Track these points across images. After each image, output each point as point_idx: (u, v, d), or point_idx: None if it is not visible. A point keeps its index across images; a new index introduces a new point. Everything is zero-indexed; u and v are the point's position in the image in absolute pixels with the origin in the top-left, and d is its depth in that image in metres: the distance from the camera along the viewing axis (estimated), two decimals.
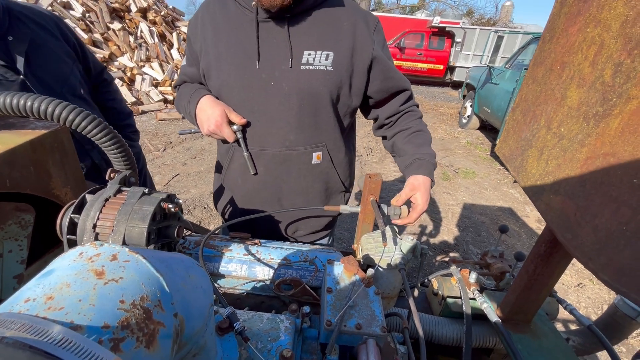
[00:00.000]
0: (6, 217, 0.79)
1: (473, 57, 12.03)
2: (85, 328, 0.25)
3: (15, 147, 0.76)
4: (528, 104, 0.66)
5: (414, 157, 1.17)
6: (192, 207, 3.64)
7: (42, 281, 0.28)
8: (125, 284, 0.29)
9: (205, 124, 1.08)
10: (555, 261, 0.95)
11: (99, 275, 0.29)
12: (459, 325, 1.16)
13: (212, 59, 1.09)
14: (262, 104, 1.08)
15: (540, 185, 0.59)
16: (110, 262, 0.30)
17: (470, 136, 7.18)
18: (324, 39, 1.06)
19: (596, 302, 2.78)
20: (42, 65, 1.28)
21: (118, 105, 1.67)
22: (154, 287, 0.31)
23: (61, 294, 0.26)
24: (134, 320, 0.28)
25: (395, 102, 1.23)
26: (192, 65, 1.19)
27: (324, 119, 1.13)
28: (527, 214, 4.18)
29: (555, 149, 0.56)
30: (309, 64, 1.05)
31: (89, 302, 0.27)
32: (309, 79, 1.05)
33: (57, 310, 0.25)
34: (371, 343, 0.63)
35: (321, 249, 0.99)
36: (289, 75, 1.05)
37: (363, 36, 1.08)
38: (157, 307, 0.31)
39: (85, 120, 0.76)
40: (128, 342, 0.27)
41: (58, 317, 0.25)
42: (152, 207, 0.69)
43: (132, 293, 0.29)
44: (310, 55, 1.04)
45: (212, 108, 1.07)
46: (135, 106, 6.52)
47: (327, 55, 1.05)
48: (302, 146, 1.13)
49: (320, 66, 1.05)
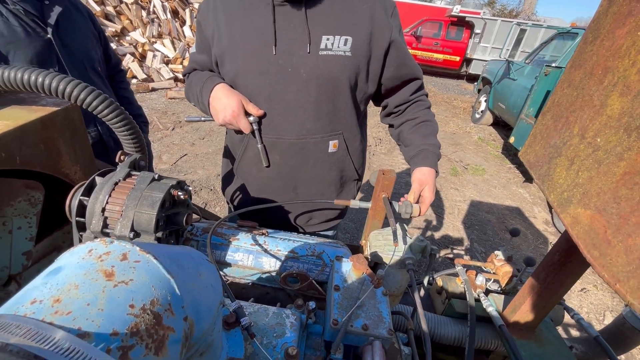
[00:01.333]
0: (16, 194, 0.78)
1: (491, 50, 11.64)
2: (93, 336, 0.24)
3: (26, 124, 0.74)
4: (561, 109, 0.62)
5: (419, 147, 1.16)
6: (198, 188, 3.65)
7: (49, 280, 0.27)
8: (136, 287, 0.28)
9: (221, 113, 1.05)
10: (568, 271, 0.93)
11: (109, 276, 0.27)
12: (461, 326, 1.15)
13: (226, 45, 1.05)
14: (279, 91, 1.04)
15: (567, 197, 0.56)
16: (120, 262, 0.29)
17: (483, 132, 7.03)
18: (342, 23, 1.02)
19: (598, 309, 2.77)
20: (69, 33, 1.38)
21: (131, 95, 1.75)
22: (164, 290, 0.30)
23: (69, 297, 0.25)
24: (143, 327, 0.26)
25: (406, 90, 1.20)
26: (203, 52, 1.15)
27: (342, 106, 1.10)
28: (534, 215, 4.13)
29: (589, 160, 0.53)
30: (328, 49, 1.01)
31: (98, 306, 0.25)
32: (328, 64, 1.02)
33: (64, 315, 0.24)
34: (377, 345, 0.62)
35: (329, 243, 0.98)
36: (307, 61, 1.01)
37: (381, 20, 1.04)
38: (167, 312, 0.29)
39: (97, 99, 0.74)
40: (137, 350, 0.25)
41: (65, 323, 0.23)
42: (162, 193, 0.68)
43: (142, 297, 0.28)
44: (329, 40, 1.01)
45: (227, 97, 1.04)
46: (145, 83, 6.48)
47: (345, 40, 1.01)
48: (319, 134, 1.11)
49: (339, 51, 1.02)
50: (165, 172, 3.89)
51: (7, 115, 0.76)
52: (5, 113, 0.78)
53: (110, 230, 0.66)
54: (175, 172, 3.92)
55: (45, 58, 1.29)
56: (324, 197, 1.24)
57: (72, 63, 1.37)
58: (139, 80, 6.52)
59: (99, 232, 0.66)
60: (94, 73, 1.47)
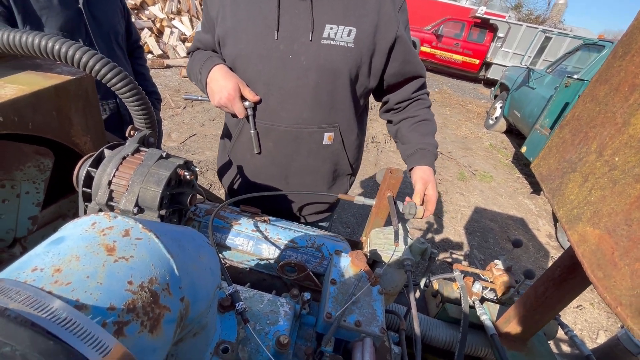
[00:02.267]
0: (26, 159, 0.79)
1: (513, 56, 11.36)
2: (90, 308, 0.24)
3: (40, 90, 0.75)
4: (580, 124, 0.60)
5: (417, 146, 1.15)
6: (205, 169, 3.67)
7: (51, 249, 0.27)
8: (135, 264, 0.28)
9: (217, 95, 1.04)
10: (568, 288, 0.92)
11: (110, 251, 0.27)
12: (453, 330, 1.16)
13: (230, 26, 1.04)
14: (278, 77, 1.03)
15: (577, 214, 0.55)
16: (122, 237, 0.29)
17: (495, 139, 6.93)
18: (348, 13, 0.99)
19: (593, 327, 2.75)
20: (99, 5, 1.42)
21: (147, 72, 1.78)
22: (163, 269, 0.30)
23: (69, 267, 0.25)
24: (140, 304, 0.27)
25: (408, 87, 1.19)
26: (208, 32, 1.14)
27: (340, 98, 1.09)
28: (538, 227, 4.09)
29: (604, 179, 0.51)
30: (330, 38, 0.99)
31: (97, 280, 0.25)
32: (329, 54, 1.00)
33: (63, 285, 0.24)
34: (368, 342, 0.62)
35: (329, 236, 0.98)
36: (309, 49, 1.00)
37: (388, 14, 1.02)
38: (164, 291, 0.29)
39: (111, 72, 0.74)
40: (132, 326, 0.26)
41: (64, 293, 0.23)
42: (168, 172, 0.68)
43: (141, 274, 0.28)
44: (332, 29, 0.99)
45: (225, 80, 1.03)
46: (160, 59, 6.47)
47: (349, 31, 0.99)
48: (314, 125, 1.10)
49: (341, 42, 1.00)
50: (173, 151, 3.91)
51: (23, 80, 0.76)
52: (21, 77, 0.78)
53: (115, 204, 0.67)
54: (183, 152, 3.95)
55: (74, 27, 1.32)
56: (315, 188, 1.23)
57: (99, 35, 1.39)
58: (154, 55, 6.52)
59: (104, 204, 0.66)
60: (118, 47, 1.50)
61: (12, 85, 0.74)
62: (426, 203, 1.05)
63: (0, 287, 0.23)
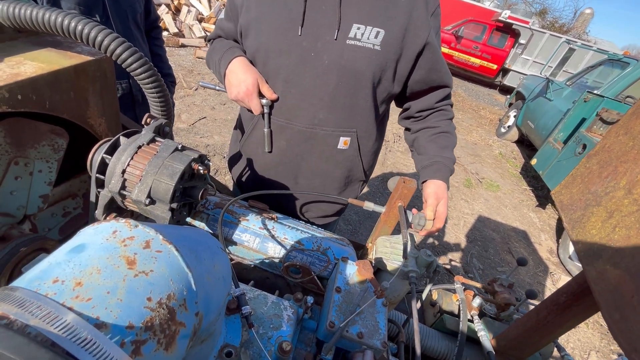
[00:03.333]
0: (41, 137, 0.79)
1: (532, 64, 11.13)
2: (110, 327, 0.23)
3: (60, 70, 0.74)
4: (610, 157, 0.58)
5: (433, 159, 1.11)
6: (212, 154, 3.67)
7: (72, 258, 0.26)
8: (155, 279, 0.27)
9: (235, 88, 1.02)
10: (572, 314, 0.91)
11: (130, 264, 0.27)
12: (448, 342, 1.16)
13: (253, 17, 1.01)
14: (298, 74, 1.00)
15: (597, 250, 0.53)
16: (142, 249, 0.28)
17: (505, 147, 6.84)
18: (377, 13, 0.95)
19: (585, 346, 2.75)
20: None
21: (164, 53, 1.76)
22: (181, 284, 0.29)
23: (90, 281, 0.25)
24: (157, 321, 0.26)
25: (432, 97, 1.15)
26: (230, 20, 1.11)
27: (361, 102, 1.05)
28: (540, 242, 4.06)
29: (631, 218, 0.50)
30: (356, 39, 0.96)
31: (117, 296, 0.25)
32: (353, 55, 0.97)
33: (84, 301, 0.23)
34: (369, 355, 0.62)
35: (335, 240, 0.97)
36: (332, 47, 0.96)
37: (420, 18, 0.97)
38: (181, 307, 0.29)
39: (131, 56, 0.73)
40: (149, 344, 0.25)
41: (84, 310, 0.23)
42: (183, 165, 0.67)
43: (160, 290, 0.27)
44: (360, 29, 0.95)
45: (244, 73, 1.00)
46: (175, 37, 6.42)
47: (377, 33, 0.95)
48: (330, 127, 1.07)
49: (367, 43, 0.96)
50: (182, 132, 3.91)
51: (43, 58, 0.76)
52: (41, 55, 0.77)
53: (127, 193, 0.66)
54: (192, 134, 3.94)
55: (92, 3, 1.30)
56: (324, 192, 1.21)
57: (116, 12, 1.37)
58: (170, 33, 6.46)
59: (116, 192, 0.66)
60: (135, 25, 1.48)
61: (32, 62, 0.73)
62: (435, 219, 1.02)
63: (21, 299, 0.22)
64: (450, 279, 1.27)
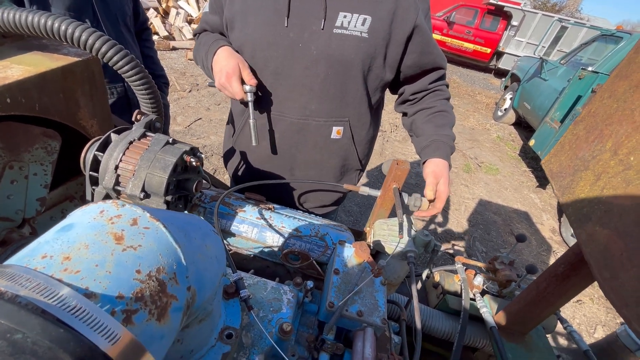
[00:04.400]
0: (34, 140, 0.80)
1: (526, 46, 11.04)
2: (99, 296, 0.24)
3: (47, 72, 0.74)
4: (596, 121, 0.58)
5: (431, 138, 1.09)
6: (209, 154, 3.68)
7: (60, 236, 0.27)
8: (143, 253, 0.28)
9: (218, 75, 0.99)
10: (571, 284, 0.92)
11: (118, 240, 0.28)
12: (452, 321, 1.17)
13: (238, 9, 1.00)
14: (287, 66, 1.00)
15: (586, 213, 0.54)
16: (130, 226, 0.29)
17: (502, 131, 6.82)
18: (363, 0, 0.95)
19: (591, 322, 2.77)
20: None
21: (155, 55, 1.73)
22: (170, 258, 0.30)
23: (78, 255, 0.25)
24: (148, 293, 0.27)
25: (425, 79, 1.13)
26: (215, 13, 1.10)
27: (351, 91, 1.05)
28: (542, 222, 4.07)
29: (617, 178, 0.50)
30: (343, 27, 0.95)
31: (106, 268, 0.25)
32: (341, 44, 0.96)
33: (73, 273, 0.24)
34: (369, 332, 0.63)
35: (333, 226, 0.98)
36: (319, 37, 0.96)
37: (407, 1, 0.97)
38: (172, 280, 0.30)
39: (117, 54, 0.73)
40: (140, 314, 0.26)
41: (73, 281, 0.24)
42: (175, 158, 0.68)
43: (149, 263, 0.28)
44: (346, 17, 0.94)
45: (227, 59, 0.98)
46: (166, 41, 6.39)
47: (364, 20, 0.95)
48: (322, 118, 1.07)
49: (354, 31, 0.95)
50: (178, 135, 3.91)
51: (29, 61, 0.76)
52: (27, 58, 0.77)
53: (121, 188, 0.67)
54: (188, 135, 3.94)
55: (82, 8, 1.29)
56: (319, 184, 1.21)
57: (106, 15, 1.36)
58: (160, 37, 6.44)
59: (110, 188, 0.67)
60: (125, 28, 1.47)
61: (18, 66, 0.73)
62: (436, 199, 1.01)
63: (11, 273, 0.23)
64: (453, 262, 1.28)
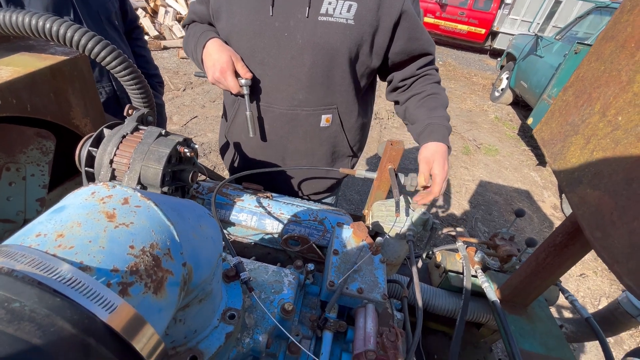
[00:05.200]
0: (28, 141, 0.80)
1: (521, 24, 10.89)
2: (94, 270, 0.25)
3: (36, 72, 0.74)
4: (584, 85, 0.58)
5: (425, 122, 1.06)
6: (207, 151, 3.68)
7: (53, 217, 0.28)
8: (136, 230, 0.29)
9: (211, 70, 1.00)
10: (569, 253, 0.93)
11: (110, 217, 0.28)
12: (455, 299, 1.19)
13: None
14: (273, 56, 0.99)
15: (577, 177, 0.54)
16: (121, 205, 0.30)
17: (500, 111, 6.78)
18: None
19: (595, 294, 2.80)
20: None
21: (148, 54, 1.71)
22: (164, 235, 0.31)
23: (72, 233, 0.26)
24: (142, 267, 0.28)
25: (413, 65, 1.11)
26: (202, 3, 1.08)
27: (338, 79, 1.04)
28: (543, 199, 4.07)
29: (606, 140, 0.51)
30: (328, 14, 0.94)
31: (99, 244, 0.26)
32: (326, 32, 0.95)
33: (67, 248, 0.25)
34: (370, 308, 0.64)
35: (331, 210, 0.99)
36: (305, 26, 0.95)
37: None
38: (166, 256, 0.30)
39: (104, 49, 0.73)
40: (136, 287, 0.27)
41: (68, 256, 0.24)
42: (168, 149, 0.68)
43: (142, 239, 0.29)
44: (331, 4, 0.93)
45: (218, 53, 0.98)
46: (157, 40, 6.33)
47: (349, 6, 0.93)
48: (311, 107, 1.06)
49: (340, 18, 0.94)
50: None
51: (17, 62, 0.76)
52: (15, 59, 0.77)
53: (118, 183, 0.68)
54: (185, 134, 3.94)
55: (61, 6, 1.26)
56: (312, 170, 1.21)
57: (87, 13, 1.34)
58: (150, 37, 6.38)
59: None
60: (110, 26, 1.44)
61: (6, 67, 0.73)
62: (432, 184, 0.98)
63: (6, 251, 0.24)
64: (454, 242, 1.29)
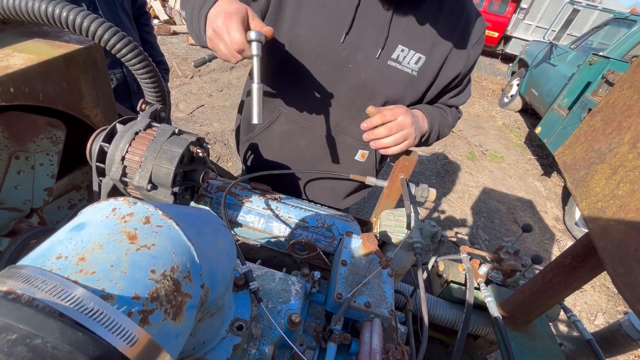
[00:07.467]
0: (39, 130, 0.79)
1: (535, 29, 10.73)
2: (116, 298, 0.24)
3: (50, 60, 0.73)
4: (614, 112, 0.57)
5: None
6: (212, 141, 3.66)
7: (74, 236, 0.26)
8: (157, 252, 0.28)
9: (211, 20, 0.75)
10: (577, 275, 0.92)
11: (132, 239, 0.27)
12: (456, 310, 1.18)
13: None
14: (330, 82, 0.96)
15: (601, 207, 0.53)
16: (143, 225, 0.29)
17: (508, 118, 6.73)
18: (423, 38, 0.91)
19: (592, 309, 2.80)
20: None
21: (154, 40, 1.70)
22: (184, 257, 0.30)
23: (93, 256, 0.25)
24: (163, 292, 0.27)
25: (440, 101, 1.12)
26: None
27: None
28: (546, 210, 4.06)
29: (635, 172, 0.49)
30: (397, 61, 0.92)
31: (121, 269, 0.25)
32: (390, 77, 0.94)
33: (89, 274, 0.24)
34: (377, 323, 0.64)
35: (339, 216, 0.98)
36: (372, 64, 0.93)
37: (462, 47, 0.95)
38: (186, 279, 0.29)
39: (120, 41, 0.71)
40: (156, 314, 0.26)
41: (89, 283, 0.23)
42: (181, 149, 0.67)
43: (163, 263, 0.28)
44: (403, 52, 0.91)
45: (229, 4, 0.74)
46: (167, 25, 6.27)
47: (418, 58, 0.92)
48: (351, 137, 1.06)
49: (407, 68, 0.93)
50: (181, 122, 3.89)
51: (31, 49, 0.74)
52: (29, 46, 0.76)
53: (128, 180, 0.67)
54: (191, 122, 3.92)
55: None
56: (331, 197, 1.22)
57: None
58: (160, 21, 6.32)
59: (117, 179, 0.66)
60: (123, 12, 1.43)
61: (20, 54, 0.72)
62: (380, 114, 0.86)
63: (26, 275, 0.23)
64: (456, 251, 1.28)
